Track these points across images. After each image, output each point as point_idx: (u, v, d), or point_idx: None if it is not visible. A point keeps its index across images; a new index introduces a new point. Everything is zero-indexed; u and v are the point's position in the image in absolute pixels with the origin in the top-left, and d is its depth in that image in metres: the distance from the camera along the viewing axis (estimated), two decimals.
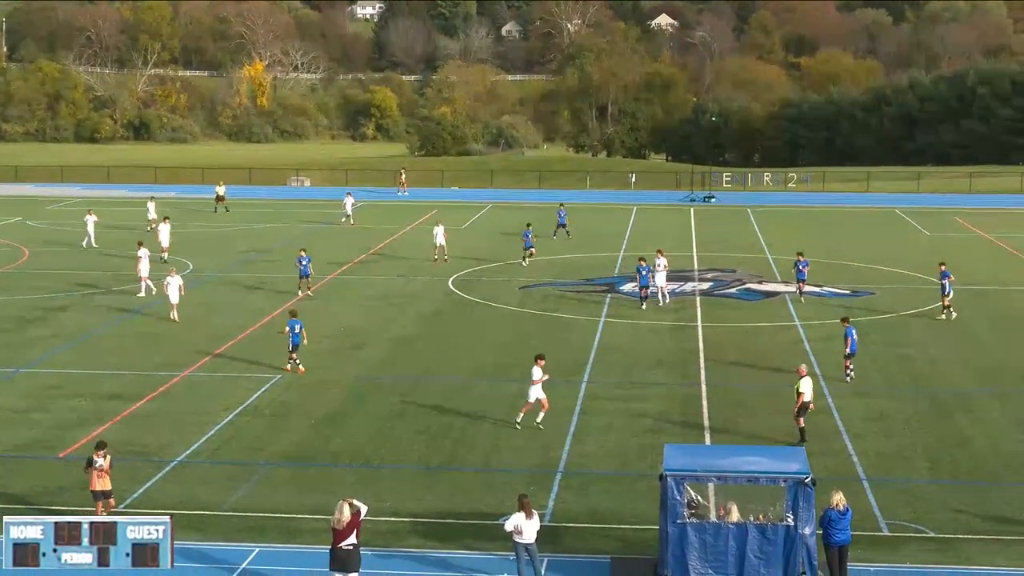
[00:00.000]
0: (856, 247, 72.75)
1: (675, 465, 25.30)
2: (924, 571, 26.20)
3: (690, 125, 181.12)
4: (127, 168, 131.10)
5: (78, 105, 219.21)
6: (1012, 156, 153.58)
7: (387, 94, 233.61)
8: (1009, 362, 44.53)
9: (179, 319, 50.28)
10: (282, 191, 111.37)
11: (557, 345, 46.79)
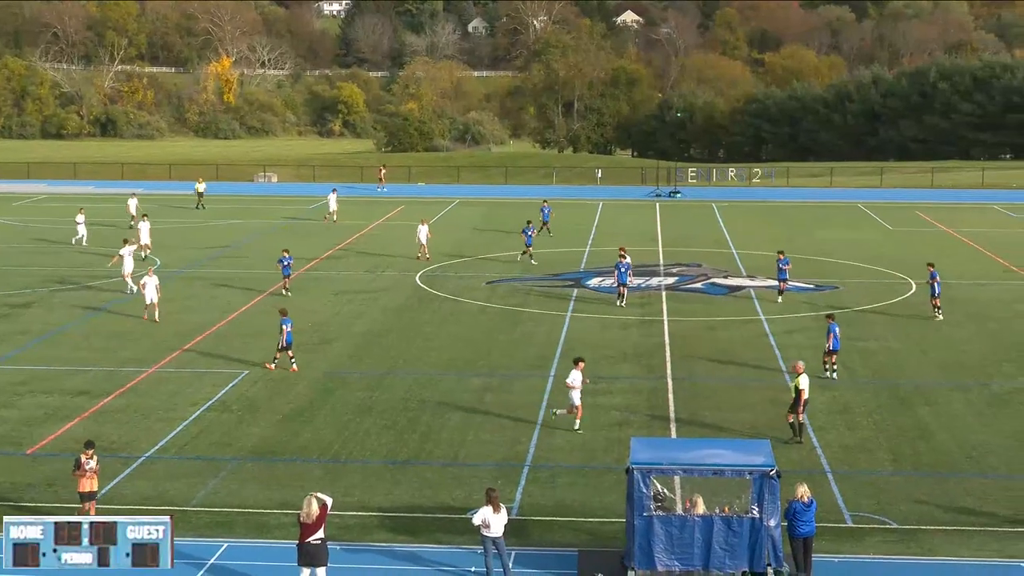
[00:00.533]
0: (819, 241, 73.04)
1: (641, 458, 25.36)
2: (887, 562, 26.33)
3: (655, 121, 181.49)
4: (94, 164, 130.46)
5: (44, 102, 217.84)
6: (973, 151, 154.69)
7: (354, 90, 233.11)
8: (970, 355, 44.80)
9: (154, 318, 49.51)
10: (249, 187, 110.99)
11: (523, 340, 46.86)
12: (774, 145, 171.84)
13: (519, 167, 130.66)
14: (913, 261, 64.88)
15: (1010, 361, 43.67)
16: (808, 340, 46.91)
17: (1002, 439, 34.81)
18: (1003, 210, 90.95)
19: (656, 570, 24.87)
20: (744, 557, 24.77)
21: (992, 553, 26.73)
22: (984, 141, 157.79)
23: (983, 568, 25.99)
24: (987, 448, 34.01)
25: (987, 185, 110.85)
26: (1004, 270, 63.25)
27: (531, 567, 25.93)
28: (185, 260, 65.27)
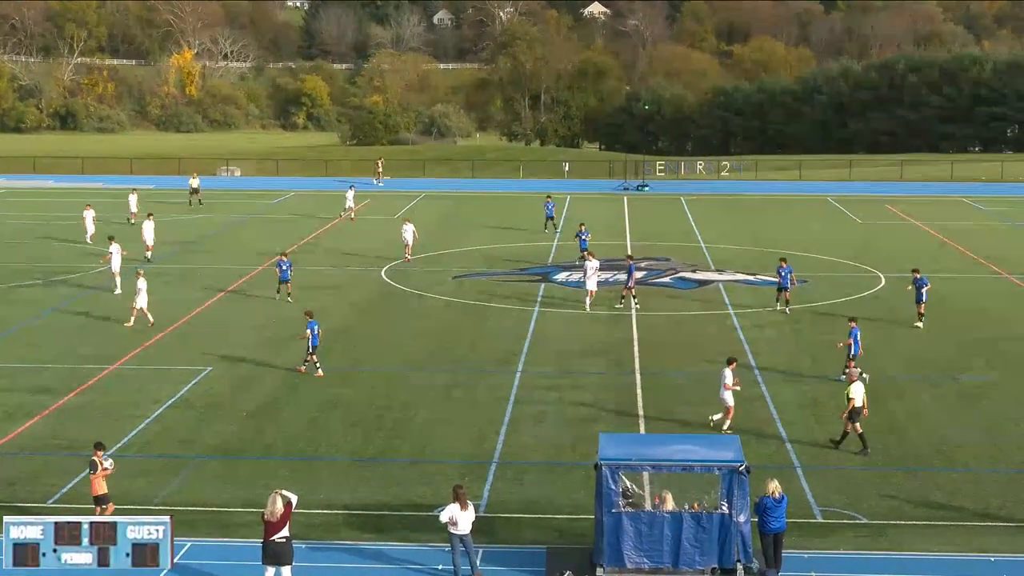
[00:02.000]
0: (788, 235, 73.30)
1: (610, 454, 25.41)
2: (857, 557, 26.46)
3: (623, 114, 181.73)
4: (53, 158, 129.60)
5: (2, 95, 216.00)
6: (942, 144, 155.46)
7: (318, 83, 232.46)
8: (939, 349, 45.07)
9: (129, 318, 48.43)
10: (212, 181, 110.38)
11: (490, 335, 46.88)
12: (742, 138, 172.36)
13: (486, 160, 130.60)
14: (882, 255, 65.26)
15: (979, 355, 43.94)
16: (778, 334, 47.13)
17: (971, 433, 35.03)
18: (972, 203, 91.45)
19: (625, 567, 24.92)
20: (714, 553, 24.85)
21: (961, 548, 26.90)
22: (953, 134, 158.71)
23: (952, 562, 26.15)
24: (956, 442, 34.22)
25: (956, 178, 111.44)
26: (973, 263, 63.62)
27: (499, 565, 25.94)
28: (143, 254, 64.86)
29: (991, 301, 53.96)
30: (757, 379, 40.58)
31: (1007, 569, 25.76)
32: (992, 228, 77.44)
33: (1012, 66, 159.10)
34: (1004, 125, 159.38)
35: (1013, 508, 29.25)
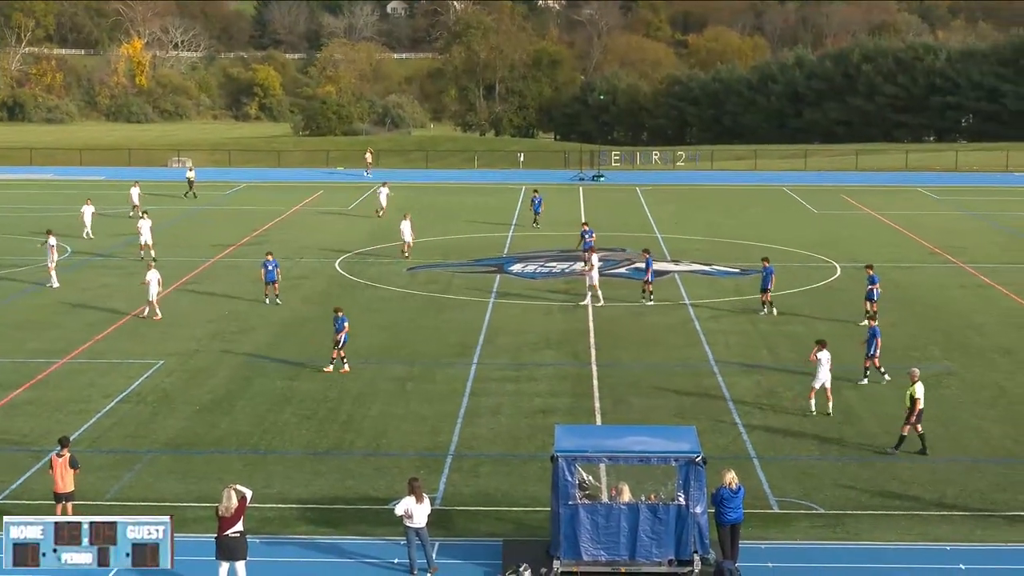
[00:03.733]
0: (744, 225, 73.58)
1: (566, 446, 25.42)
2: (814, 547, 26.61)
3: (578, 103, 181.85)
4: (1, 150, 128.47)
5: None
6: (896, 134, 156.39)
7: (270, 73, 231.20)
8: (896, 338, 45.29)
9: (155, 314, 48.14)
10: (163, 172, 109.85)
11: (446, 327, 46.84)
12: (698, 128, 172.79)
13: (440, 151, 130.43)
14: (838, 244, 65.60)
15: (935, 344, 44.25)
16: (734, 326, 47.29)
17: (927, 423, 35.18)
18: (927, 192, 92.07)
19: (582, 559, 24.95)
20: (670, 545, 24.91)
21: (917, 537, 27.11)
22: (908, 123, 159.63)
23: (909, 552, 26.34)
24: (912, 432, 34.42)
25: (911, 167, 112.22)
26: (929, 253, 64.05)
27: (455, 558, 25.93)
28: (97, 247, 64.51)
29: (947, 291, 54.35)
30: (713, 370, 40.74)
31: (963, 558, 25.96)
32: (947, 217, 77.96)
33: (966, 55, 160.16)
34: (958, 114, 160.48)
35: (969, 497, 29.50)
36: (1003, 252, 64.52)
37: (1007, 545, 26.74)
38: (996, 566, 25.68)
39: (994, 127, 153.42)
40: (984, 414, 36.15)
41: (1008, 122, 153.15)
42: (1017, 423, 35.30)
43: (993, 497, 29.53)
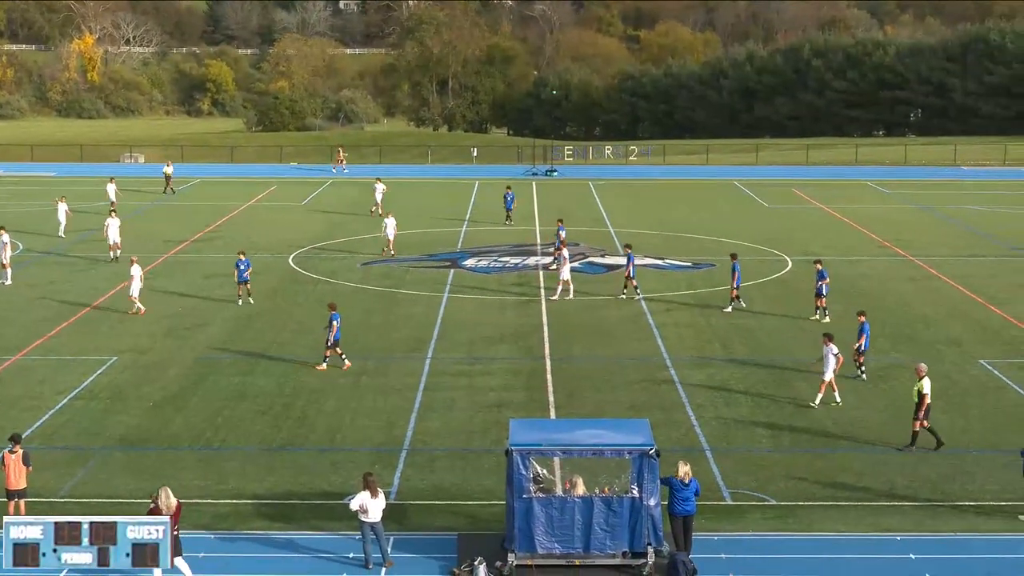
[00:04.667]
0: (696, 219, 73.80)
1: (520, 440, 25.44)
2: (766, 538, 26.75)
3: (531, 99, 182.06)
4: None
5: None
6: (846, 128, 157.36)
7: (223, 68, 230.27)
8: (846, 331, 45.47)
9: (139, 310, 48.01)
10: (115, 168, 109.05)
11: (400, 322, 46.77)
12: (650, 122, 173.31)
13: (393, 146, 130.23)
14: (789, 238, 65.90)
15: (884, 337, 44.49)
16: (687, 319, 47.42)
17: (877, 414, 35.52)
18: (876, 186, 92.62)
19: (537, 552, 24.98)
20: (624, 537, 24.98)
21: (868, 527, 27.30)
22: (857, 118, 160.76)
23: (860, 542, 26.51)
24: (863, 424, 34.68)
25: (861, 162, 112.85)
26: (878, 246, 64.44)
27: (410, 552, 25.91)
28: (49, 244, 64.01)
29: (895, 283, 54.68)
30: (666, 362, 40.86)
31: (913, 548, 26.17)
32: (896, 211, 78.45)
33: (914, 51, 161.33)
34: (907, 109, 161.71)
35: (918, 488, 29.72)
36: (950, 245, 64.99)
37: (956, 535, 26.97)
38: (945, 555, 25.88)
39: (942, 122, 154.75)
40: (933, 405, 36.33)
41: (955, 117, 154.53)
42: (965, 414, 35.59)
43: (942, 487, 29.77)
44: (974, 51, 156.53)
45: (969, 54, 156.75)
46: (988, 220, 74.04)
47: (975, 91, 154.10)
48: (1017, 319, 47.43)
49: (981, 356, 41.40)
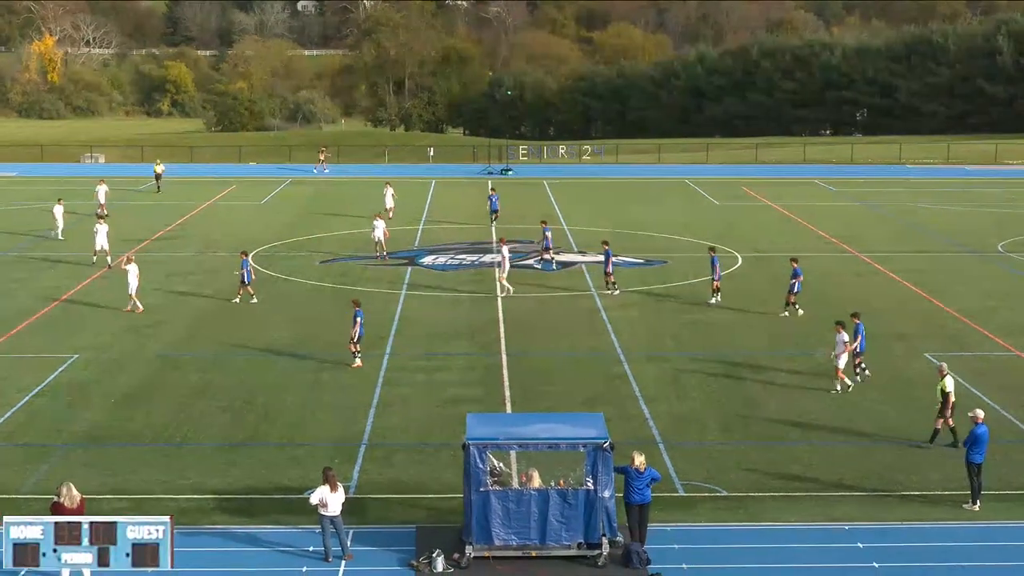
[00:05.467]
0: (649, 217, 73.96)
1: (477, 434, 25.45)
2: (718, 529, 26.86)
3: (486, 99, 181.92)
4: None
5: None
6: (794, 128, 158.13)
7: (182, 69, 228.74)
8: (794, 325, 45.83)
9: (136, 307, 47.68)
10: (76, 168, 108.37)
11: None
12: (603, 122, 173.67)
13: (351, 146, 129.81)
14: (739, 235, 66.15)
15: (831, 331, 44.64)
16: (640, 315, 47.54)
17: (825, 406, 35.71)
18: (823, 184, 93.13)
19: (494, 544, 25.00)
20: (580, 529, 25.04)
21: (817, 517, 27.46)
22: (805, 117, 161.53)
23: (809, 532, 26.67)
24: (811, 416, 34.87)
25: (809, 160, 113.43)
26: (825, 242, 64.80)
27: (370, 545, 25.88)
28: (8, 243, 63.52)
29: (842, 278, 55.03)
30: (620, 358, 40.95)
31: (861, 537, 26.34)
32: (843, 208, 78.90)
33: (860, 52, 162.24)
34: (854, 109, 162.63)
35: (865, 478, 29.92)
36: (896, 241, 65.43)
37: (902, 524, 27.17)
38: (892, 544, 26.06)
39: (888, 121, 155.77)
40: (880, 397, 36.66)
41: (901, 116, 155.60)
42: (911, 406, 35.83)
43: (889, 478, 29.97)
44: (918, 52, 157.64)
45: (913, 55, 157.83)
46: (932, 217, 74.59)
47: (919, 91, 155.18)
48: (960, 313, 47.82)
49: (926, 349, 41.70)
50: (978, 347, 42.74)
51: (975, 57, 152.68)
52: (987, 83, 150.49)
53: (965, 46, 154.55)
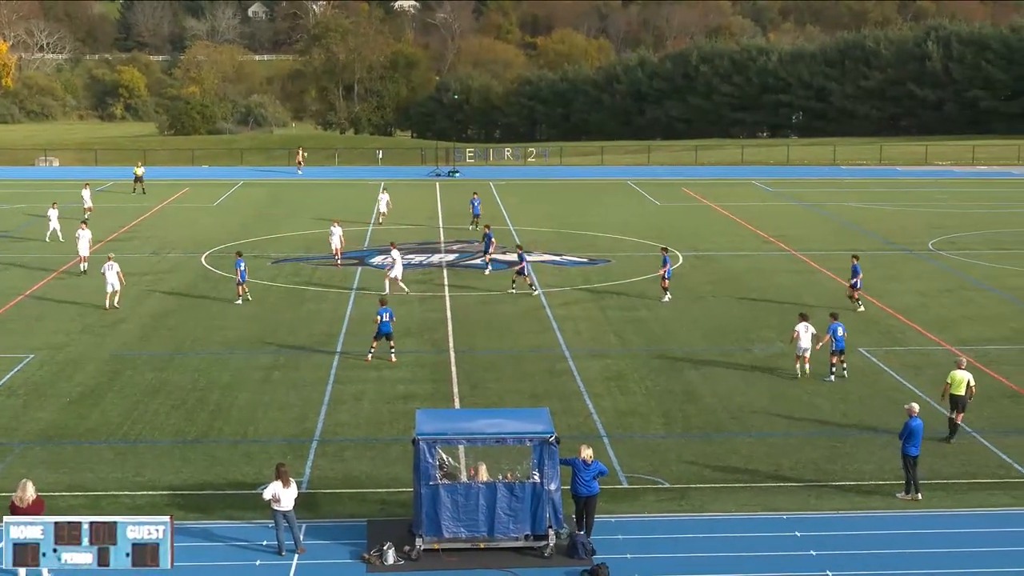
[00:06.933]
0: (592, 217, 74.10)
1: (426, 430, 25.44)
2: (661, 519, 26.97)
3: (433, 103, 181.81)
4: None
5: None
6: (733, 130, 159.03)
7: (135, 74, 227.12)
8: (733, 321, 46.09)
9: (114, 304, 47.65)
10: (30, 171, 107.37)
11: (310, 318, 46.50)
12: (547, 125, 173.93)
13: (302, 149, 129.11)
14: (680, 235, 66.40)
15: (769, 327, 45.03)
16: (583, 312, 47.63)
17: (763, 400, 35.93)
18: (761, 185, 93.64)
19: (443, 536, 25.00)
20: (527, 521, 25.08)
21: (756, 507, 27.63)
22: (743, 120, 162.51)
23: (748, 521, 26.83)
24: (750, 409, 35.07)
25: (746, 162, 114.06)
26: (763, 241, 65.16)
27: (322, 538, 25.81)
28: None
29: (779, 276, 55.33)
30: (565, 354, 41.02)
31: (798, 526, 26.53)
32: (779, 208, 79.36)
33: (796, 57, 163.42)
34: (789, 112, 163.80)
35: (802, 469, 30.12)
36: (830, 239, 65.85)
37: (838, 513, 27.38)
38: (829, 532, 26.25)
39: (822, 123, 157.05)
40: (815, 391, 36.91)
41: (834, 119, 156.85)
42: (845, 399, 36.11)
43: (825, 468, 30.19)
44: (851, 57, 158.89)
45: (847, 59, 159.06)
46: (865, 216, 75.15)
47: (852, 94, 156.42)
48: (892, 309, 48.21)
49: (859, 344, 41.99)
50: (911, 342, 43.11)
51: (906, 62, 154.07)
52: (917, 87, 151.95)
53: (896, 51, 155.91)
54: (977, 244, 64.31)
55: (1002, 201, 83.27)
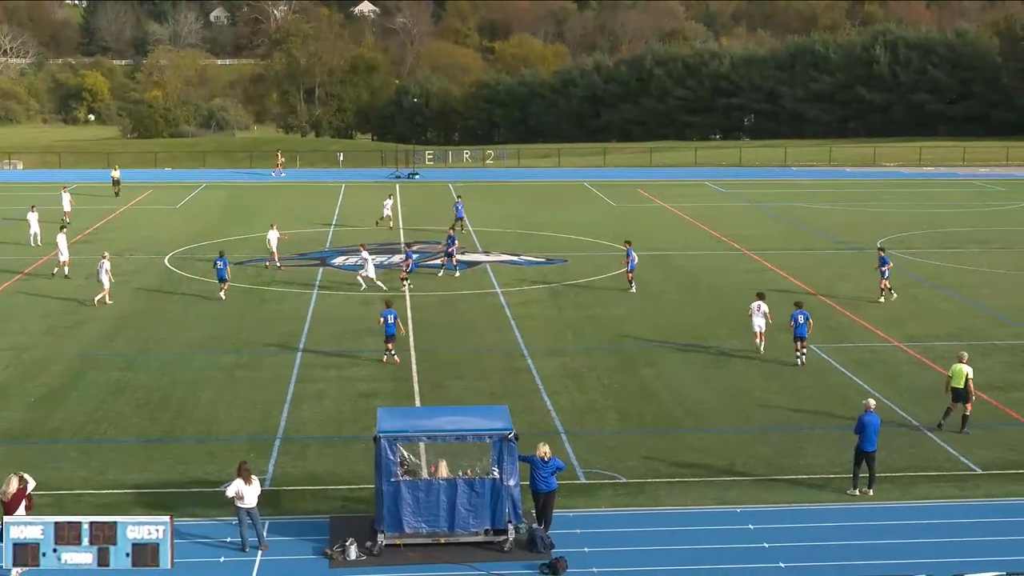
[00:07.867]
0: (549, 218, 74.14)
1: (388, 427, 25.41)
2: (618, 513, 27.02)
3: (393, 106, 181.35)
4: None
5: None
6: (686, 133, 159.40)
7: (98, 78, 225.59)
8: (687, 319, 46.23)
9: (104, 301, 47.75)
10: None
11: (272, 317, 46.33)
12: (505, 128, 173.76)
13: (264, 151, 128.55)
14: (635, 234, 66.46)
15: (723, 325, 45.19)
16: (541, 311, 47.66)
17: (717, 396, 36.06)
18: (714, 186, 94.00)
19: (405, 532, 24.97)
20: (487, 516, 25.08)
21: (711, 501, 27.72)
22: (696, 123, 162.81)
23: (703, 515, 26.93)
24: (704, 405, 35.18)
25: (699, 163, 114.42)
26: (716, 241, 65.40)
27: (285, 535, 25.72)
28: None
29: (732, 275, 55.54)
30: (523, 352, 41.03)
31: (752, 519, 26.64)
32: (732, 208, 79.66)
33: (747, 61, 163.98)
34: (741, 115, 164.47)
35: (755, 464, 30.25)
36: (781, 239, 66.16)
37: (790, 506, 27.52)
38: (781, 525, 26.38)
39: (773, 126, 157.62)
40: (767, 387, 37.08)
41: (785, 121, 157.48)
42: (797, 394, 36.29)
43: (777, 463, 30.33)
44: (801, 61, 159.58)
45: (797, 64, 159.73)
46: (815, 216, 75.54)
47: (803, 98, 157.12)
48: (842, 307, 48.49)
49: (811, 341, 42.11)
50: (860, 339, 43.37)
51: (854, 66, 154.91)
52: (866, 90, 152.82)
53: (845, 56, 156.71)
54: (923, 243, 64.75)
55: (947, 201, 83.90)
